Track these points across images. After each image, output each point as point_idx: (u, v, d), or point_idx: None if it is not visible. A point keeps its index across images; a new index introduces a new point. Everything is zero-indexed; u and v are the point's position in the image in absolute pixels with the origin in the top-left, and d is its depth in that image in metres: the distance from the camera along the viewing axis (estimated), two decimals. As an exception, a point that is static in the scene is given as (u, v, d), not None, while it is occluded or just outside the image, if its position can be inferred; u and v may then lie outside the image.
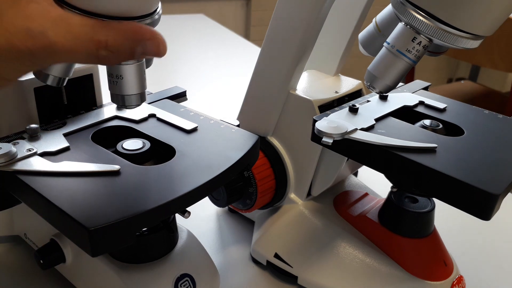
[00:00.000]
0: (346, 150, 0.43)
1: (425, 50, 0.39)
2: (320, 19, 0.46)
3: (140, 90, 0.35)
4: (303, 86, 0.52)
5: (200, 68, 1.20)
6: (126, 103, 0.35)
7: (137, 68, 0.34)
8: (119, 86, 0.34)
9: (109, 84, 0.35)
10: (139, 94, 0.35)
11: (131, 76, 0.34)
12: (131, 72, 0.34)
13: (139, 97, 0.35)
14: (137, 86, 0.35)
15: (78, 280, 0.46)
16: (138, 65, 0.34)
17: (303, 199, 0.53)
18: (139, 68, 0.34)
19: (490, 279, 0.55)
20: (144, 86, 0.35)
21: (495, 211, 0.36)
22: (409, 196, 0.49)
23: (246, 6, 2.49)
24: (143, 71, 0.35)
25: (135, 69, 0.34)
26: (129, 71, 0.34)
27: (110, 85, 0.35)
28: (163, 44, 0.31)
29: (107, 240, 0.32)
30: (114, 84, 0.34)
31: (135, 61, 0.34)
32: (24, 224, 0.50)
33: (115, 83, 0.34)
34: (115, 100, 0.35)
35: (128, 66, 0.33)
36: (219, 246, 0.57)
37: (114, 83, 0.34)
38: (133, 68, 0.34)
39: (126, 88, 0.35)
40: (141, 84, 0.35)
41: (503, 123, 0.48)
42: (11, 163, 0.37)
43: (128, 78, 0.34)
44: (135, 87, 0.35)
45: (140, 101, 0.35)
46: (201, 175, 0.37)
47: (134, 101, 0.35)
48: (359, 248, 0.49)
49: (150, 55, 0.31)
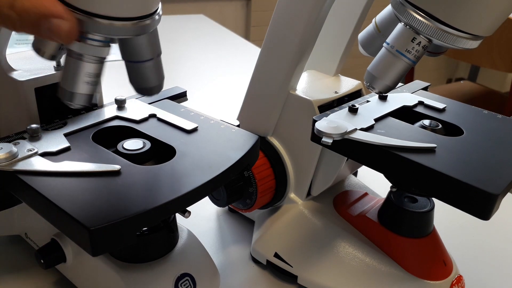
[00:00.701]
0: (346, 150, 0.43)
1: (424, 50, 0.39)
2: (320, 19, 0.46)
3: (88, 91, 0.35)
4: (303, 86, 0.52)
5: (200, 68, 1.20)
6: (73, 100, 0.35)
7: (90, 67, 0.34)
8: None
9: None
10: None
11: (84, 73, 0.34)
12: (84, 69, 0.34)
13: (87, 98, 0.35)
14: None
15: (78, 280, 0.46)
16: None
17: (303, 199, 0.53)
18: (92, 68, 0.34)
19: (490, 279, 0.55)
20: (93, 90, 0.36)
21: (495, 211, 0.36)
22: (408, 196, 0.49)
23: (246, 7, 2.49)
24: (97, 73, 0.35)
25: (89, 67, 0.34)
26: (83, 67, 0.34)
27: None
28: (72, 29, 0.31)
29: (107, 239, 0.32)
30: None
31: (95, 60, 0.34)
32: (25, 223, 0.50)
33: None
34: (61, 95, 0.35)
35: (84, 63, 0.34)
36: (219, 246, 0.57)
37: None
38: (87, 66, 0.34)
39: None
40: (90, 87, 0.35)
41: (502, 123, 0.48)
42: (12, 163, 0.37)
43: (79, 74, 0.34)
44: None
45: (87, 103, 0.36)
46: (201, 175, 0.37)
47: None
48: (359, 247, 0.49)
49: (55, 37, 0.31)
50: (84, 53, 0.33)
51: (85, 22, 0.31)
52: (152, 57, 0.36)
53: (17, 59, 0.47)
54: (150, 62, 0.36)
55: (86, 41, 0.33)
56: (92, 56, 0.34)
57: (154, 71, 0.37)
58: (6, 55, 0.45)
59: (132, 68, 0.37)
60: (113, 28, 0.32)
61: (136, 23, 0.33)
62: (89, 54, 0.33)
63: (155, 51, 0.37)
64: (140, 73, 0.36)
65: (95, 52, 0.33)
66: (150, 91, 0.37)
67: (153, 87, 0.37)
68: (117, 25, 0.32)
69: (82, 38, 0.33)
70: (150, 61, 0.36)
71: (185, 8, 2.26)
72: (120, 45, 0.36)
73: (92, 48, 0.33)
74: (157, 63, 0.37)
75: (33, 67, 0.46)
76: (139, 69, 0.36)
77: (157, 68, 0.37)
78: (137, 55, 0.36)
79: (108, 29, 0.32)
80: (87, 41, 0.33)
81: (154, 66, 0.37)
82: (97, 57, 0.34)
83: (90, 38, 0.33)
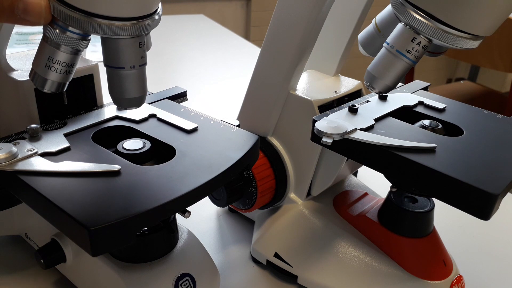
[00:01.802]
0: (346, 150, 0.43)
1: (424, 50, 0.39)
2: (320, 19, 0.46)
3: (61, 80, 0.35)
4: (303, 86, 0.52)
5: (200, 68, 1.20)
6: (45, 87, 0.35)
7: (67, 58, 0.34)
8: None
9: None
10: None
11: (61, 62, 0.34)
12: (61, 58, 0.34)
13: (59, 86, 0.35)
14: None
15: (78, 280, 0.46)
16: None
17: (303, 199, 0.53)
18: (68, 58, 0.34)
19: (489, 279, 0.55)
20: (66, 79, 0.36)
21: (495, 211, 0.36)
22: (408, 196, 0.49)
23: (246, 6, 2.49)
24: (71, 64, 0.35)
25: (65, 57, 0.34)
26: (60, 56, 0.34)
27: None
28: (46, 8, 0.31)
29: (107, 239, 0.32)
30: None
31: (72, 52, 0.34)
32: (25, 224, 0.50)
33: None
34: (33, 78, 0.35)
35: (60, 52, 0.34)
36: (219, 246, 0.57)
37: None
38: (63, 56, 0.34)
39: None
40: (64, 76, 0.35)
41: (502, 123, 0.48)
42: (12, 163, 0.37)
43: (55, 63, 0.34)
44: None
45: (57, 90, 0.35)
46: (201, 175, 0.37)
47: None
48: (359, 247, 0.49)
49: (32, 17, 0.30)
50: (62, 43, 0.33)
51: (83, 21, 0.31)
52: (135, 64, 0.34)
53: (17, 59, 0.47)
54: (133, 70, 0.34)
55: (66, 33, 0.33)
56: (69, 48, 0.33)
57: (136, 81, 0.34)
58: (6, 55, 0.45)
59: (112, 75, 0.34)
60: (112, 28, 0.32)
61: (136, 23, 0.33)
62: (67, 46, 0.33)
63: (139, 59, 0.34)
64: (120, 81, 0.34)
65: (73, 44, 0.33)
66: (128, 102, 0.35)
67: (132, 99, 0.35)
68: (116, 25, 0.32)
69: (63, 29, 0.33)
70: (133, 69, 0.34)
71: (185, 8, 2.26)
72: (103, 47, 0.34)
73: (71, 40, 0.33)
74: (140, 73, 0.34)
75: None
76: (119, 77, 0.34)
77: (140, 78, 0.34)
78: (119, 60, 0.34)
79: (107, 29, 0.32)
80: (67, 33, 0.33)
81: (137, 75, 0.34)
82: (74, 49, 0.34)
83: (71, 30, 0.33)
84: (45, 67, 0.34)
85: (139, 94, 0.35)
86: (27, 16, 0.30)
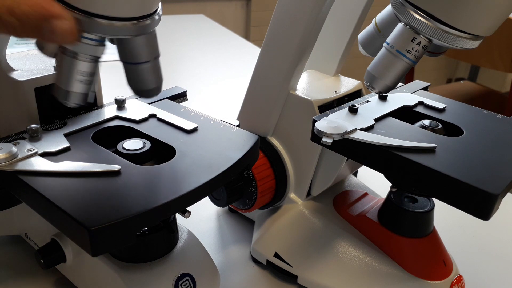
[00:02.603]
0: (346, 150, 0.43)
1: (424, 50, 0.39)
2: (320, 19, 0.46)
3: (83, 90, 0.35)
4: (303, 86, 0.52)
5: (200, 68, 1.20)
6: (68, 99, 0.35)
7: (85, 66, 0.34)
8: None
9: None
10: None
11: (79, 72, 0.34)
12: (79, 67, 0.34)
13: (82, 97, 0.36)
14: None
15: (78, 280, 0.46)
16: None
17: (303, 199, 0.53)
18: (87, 67, 0.35)
19: (490, 279, 0.55)
20: (88, 89, 0.36)
21: (495, 211, 0.36)
22: (408, 196, 0.49)
23: (246, 6, 2.49)
24: (92, 72, 0.35)
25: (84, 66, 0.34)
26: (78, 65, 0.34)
27: None
28: (71, 29, 0.31)
29: (107, 239, 0.32)
30: None
31: (90, 59, 0.34)
32: (25, 224, 0.50)
33: None
34: (56, 93, 0.35)
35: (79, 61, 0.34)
36: (219, 246, 0.57)
37: None
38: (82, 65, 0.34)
39: None
40: (85, 86, 0.35)
41: (502, 123, 0.48)
42: (12, 163, 0.37)
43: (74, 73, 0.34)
44: None
45: (82, 102, 0.36)
46: (201, 175, 0.37)
47: None
48: (359, 247, 0.49)
49: (58, 38, 0.31)
50: (79, 52, 0.33)
51: (83, 21, 0.31)
52: (150, 59, 0.36)
53: (17, 59, 0.47)
54: (148, 64, 0.36)
55: (81, 40, 0.33)
56: (87, 55, 0.34)
57: (152, 73, 0.37)
58: (6, 55, 0.45)
59: (129, 70, 0.36)
60: (112, 28, 0.32)
61: (136, 23, 0.33)
62: (84, 53, 0.33)
63: (153, 53, 0.36)
64: (138, 75, 0.36)
65: (90, 51, 0.33)
66: (148, 93, 0.37)
67: (151, 89, 0.37)
68: (116, 25, 0.32)
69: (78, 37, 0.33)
70: (148, 63, 0.36)
71: (185, 8, 2.26)
72: (118, 46, 0.36)
73: (87, 47, 0.33)
74: (155, 65, 0.37)
75: (33, 67, 0.46)
76: (137, 71, 0.36)
77: (155, 70, 0.37)
78: (135, 56, 0.36)
79: (107, 29, 0.32)
80: (83, 40, 0.33)
81: (151, 68, 0.36)
82: (92, 56, 0.34)
83: (86, 37, 0.33)
84: (67, 79, 0.34)
85: (155, 85, 0.38)
86: (54, 36, 0.31)
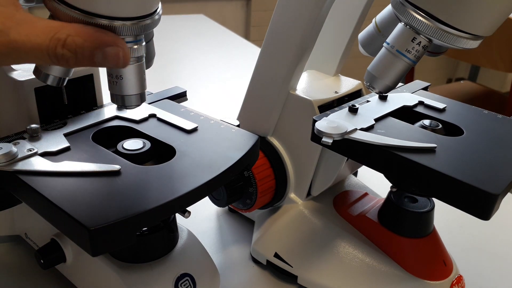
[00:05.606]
0: (346, 150, 0.43)
1: (424, 50, 0.39)
2: (320, 19, 0.46)
3: (140, 90, 0.35)
4: (303, 86, 0.52)
5: (200, 68, 1.20)
6: (126, 103, 0.35)
7: (137, 69, 0.34)
8: (119, 86, 0.35)
9: (109, 85, 0.35)
10: (139, 94, 0.36)
11: (131, 76, 0.34)
12: (131, 72, 0.34)
13: (139, 97, 0.36)
14: (137, 86, 0.35)
15: (78, 280, 0.46)
16: (138, 66, 0.35)
17: (303, 199, 0.53)
18: (139, 69, 0.35)
19: (490, 279, 0.55)
20: (144, 86, 0.36)
21: (495, 211, 0.36)
22: (408, 196, 0.49)
23: (246, 6, 2.49)
24: (143, 71, 0.35)
25: (135, 69, 0.34)
26: (129, 72, 0.34)
27: (110, 85, 0.35)
28: (125, 54, 0.31)
29: (107, 239, 0.32)
30: (114, 84, 0.35)
31: (135, 61, 0.34)
32: (25, 224, 0.50)
33: (115, 83, 0.34)
34: (115, 100, 0.35)
35: (128, 67, 0.34)
36: (219, 246, 0.57)
37: (114, 83, 0.35)
38: (133, 69, 0.34)
39: (126, 88, 0.35)
40: (141, 84, 0.35)
41: (502, 123, 0.48)
42: (12, 163, 0.37)
43: (128, 78, 0.34)
44: (135, 88, 0.35)
45: (140, 101, 0.36)
46: (201, 175, 0.37)
47: (134, 101, 0.35)
48: (359, 247, 0.49)
49: (111, 64, 0.31)
50: None
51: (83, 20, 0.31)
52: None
53: (17, 59, 0.47)
54: None
55: None
56: (133, 58, 0.34)
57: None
58: (6, 55, 0.45)
59: None
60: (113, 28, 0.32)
61: (136, 22, 0.33)
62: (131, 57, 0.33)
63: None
64: None
65: (135, 53, 0.34)
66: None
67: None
68: (116, 25, 0.32)
69: None
70: None
71: (185, 8, 2.26)
72: None
73: (133, 50, 0.33)
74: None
75: (33, 67, 0.46)
76: None
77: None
78: None
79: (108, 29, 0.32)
80: None
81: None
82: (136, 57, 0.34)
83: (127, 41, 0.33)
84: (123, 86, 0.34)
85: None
86: (106, 63, 0.31)
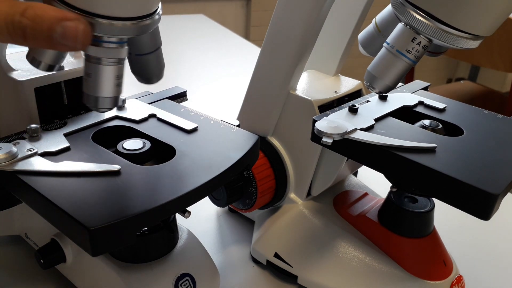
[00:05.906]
0: (346, 150, 0.43)
1: (424, 50, 0.39)
2: (320, 19, 0.46)
3: (115, 93, 0.35)
4: (303, 86, 0.52)
5: (200, 68, 1.20)
6: (99, 105, 0.35)
7: (116, 70, 0.34)
8: (93, 84, 0.34)
9: (84, 83, 0.35)
10: (114, 97, 0.35)
11: (110, 75, 0.34)
12: (110, 71, 0.34)
13: (113, 101, 0.35)
14: (113, 89, 0.35)
15: (78, 280, 0.46)
16: (117, 68, 0.34)
17: (303, 199, 0.53)
18: (118, 71, 0.34)
19: (490, 279, 0.55)
20: (120, 91, 0.35)
21: (495, 211, 0.36)
22: (408, 196, 0.49)
23: (246, 6, 2.49)
24: (121, 75, 0.35)
25: (114, 70, 0.34)
26: (107, 71, 0.34)
27: (84, 83, 0.35)
28: (86, 31, 0.30)
29: (107, 239, 0.32)
30: (88, 82, 0.34)
31: (116, 63, 0.34)
32: (25, 224, 0.50)
33: (89, 82, 0.34)
34: (86, 101, 0.35)
35: (106, 66, 0.34)
36: (219, 246, 0.57)
37: (88, 81, 0.34)
38: (111, 69, 0.34)
39: (101, 89, 0.34)
40: (117, 89, 0.35)
41: (502, 123, 0.48)
42: (12, 163, 0.37)
43: (106, 77, 0.34)
44: (111, 90, 0.35)
45: (113, 105, 0.35)
46: (201, 175, 0.37)
47: (108, 104, 0.35)
48: (359, 247, 0.49)
49: (69, 41, 0.30)
50: (103, 56, 0.33)
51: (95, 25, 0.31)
52: (153, 50, 0.38)
53: (17, 59, 0.47)
54: (152, 54, 0.38)
55: (103, 45, 0.33)
56: (111, 59, 0.34)
57: (155, 62, 0.39)
58: (6, 55, 0.45)
59: (134, 60, 0.39)
60: (112, 29, 0.32)
61: (137, 23, 0.33)
62: (109, 57, 0.33)
63: (156, 44, 0.39)
64: (142, 64, 0.39)
65: (114, 54, 0.33)
66: (150, 80, 0.40)
67: (153, 76, 0.40)
68: (116, 25, 0.32)
69: (99, 42, 0.33)
70: (152, 53, 0.38)
71: (185, 8, 2.26)
72: None
73: (111, 51, 0.33)
74: (158, 54, 0.39)
75: (33, 67, 0.46)
76: (141, 61, 0.39)
77: (158, 59, 0.39)
78: (139, 49, 0.38)
79: (108, 29, 0.32)
80: (104, 44, 0.33)
81: (155, 57, 0.39)
82: (116, 59, 0.34)
83: (106, 41, 0.33)
84: (95, 85, 0.34)
85: (158, 72, 0.40)
86: (65, 40, 0.30)
